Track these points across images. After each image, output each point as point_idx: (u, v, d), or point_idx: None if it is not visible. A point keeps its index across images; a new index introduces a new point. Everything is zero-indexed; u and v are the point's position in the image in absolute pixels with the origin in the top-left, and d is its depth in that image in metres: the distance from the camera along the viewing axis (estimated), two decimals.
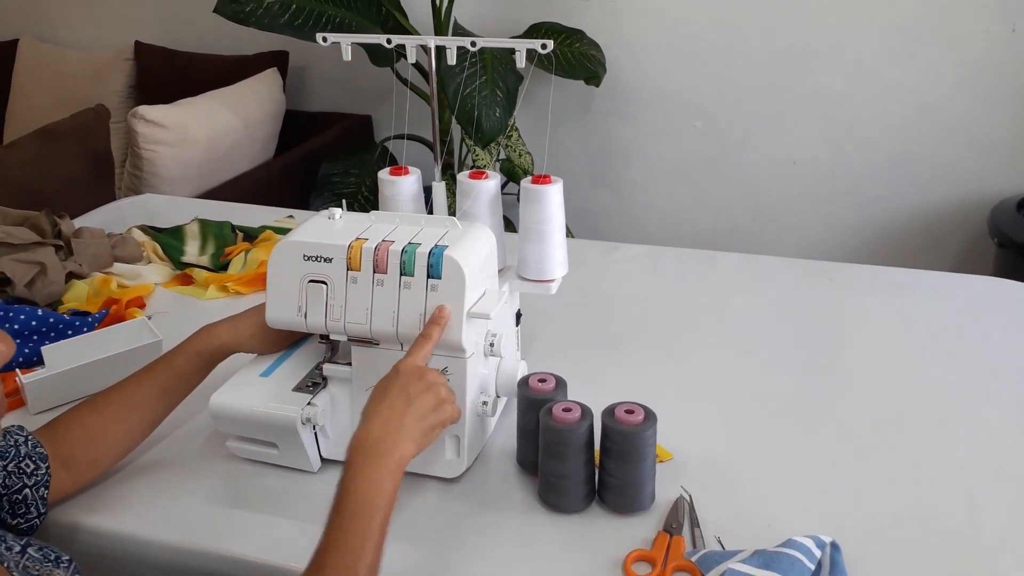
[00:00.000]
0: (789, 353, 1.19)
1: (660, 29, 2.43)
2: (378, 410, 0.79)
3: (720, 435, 1.02)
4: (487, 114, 2.08)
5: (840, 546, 0.82)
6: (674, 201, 2.62)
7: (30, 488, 0.85)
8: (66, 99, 2.70)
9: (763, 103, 2.42)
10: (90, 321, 1.25)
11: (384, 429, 0.77)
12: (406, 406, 0.79)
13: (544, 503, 0.91)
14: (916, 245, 2.44)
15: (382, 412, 0.79)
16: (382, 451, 0.76)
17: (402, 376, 0.81)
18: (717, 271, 1.43)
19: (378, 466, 0.76)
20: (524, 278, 1.04)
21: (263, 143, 2.58)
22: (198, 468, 0.99)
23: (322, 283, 0.91)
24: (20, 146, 1.98)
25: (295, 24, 2.14)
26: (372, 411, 0.79)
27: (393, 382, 0.81)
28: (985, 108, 2.25)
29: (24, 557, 0.74)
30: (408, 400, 0.79)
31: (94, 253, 1.43)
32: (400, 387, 0.80)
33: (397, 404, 0.79)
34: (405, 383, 0.80)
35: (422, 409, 0.80)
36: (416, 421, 0.79)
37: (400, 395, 0.79)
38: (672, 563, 0.82)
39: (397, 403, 0.79)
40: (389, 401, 0.79)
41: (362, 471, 0.75)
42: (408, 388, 0.80)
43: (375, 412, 0.79)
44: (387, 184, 1.05)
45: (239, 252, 1.49)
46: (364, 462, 0.76)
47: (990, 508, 0.89)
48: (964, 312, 1.27)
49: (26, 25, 3.13)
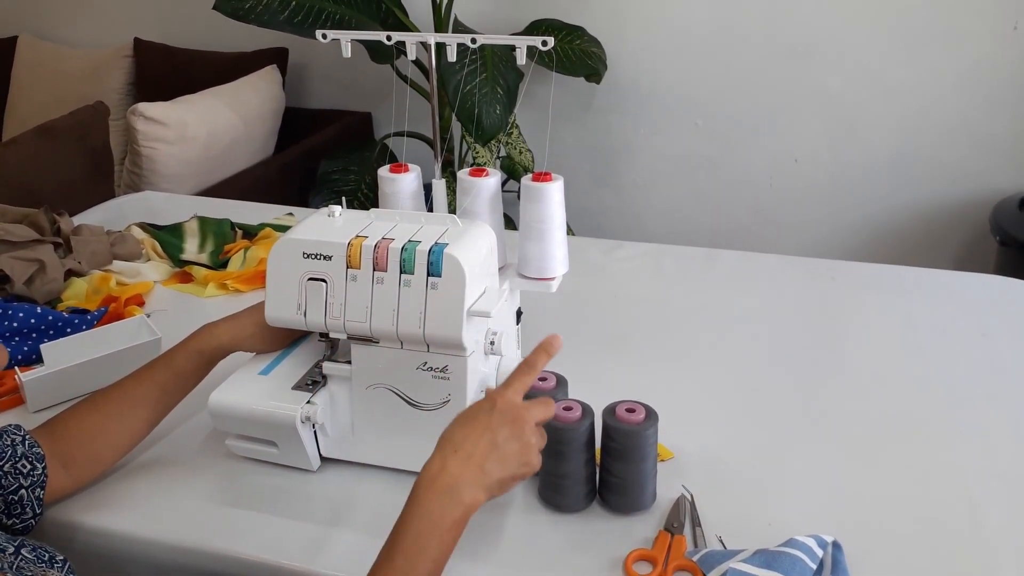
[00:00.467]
0: (790, 352, 1.19)
1: (661, 26, 2.42)
2: (461, 445, 0.71)
3: (721, 434, 1.01)
4: (487, 111, 2.08)
5: (842, 545, 0.81)
6: (675, 199, 2.62)
7: (26, 488, 0.85)
8: (65, 96, 2.70)
9: (764, 101, 2.42)
10: (89, 319, 1.25)
11: (462, 470, 0.70)
12: (491, 449, 0.71)
13: (545, 502, 0.91)
14: (918, 243, 2.43)
15: (465, 448, 0.71)
16: (452, 496, 0.69)
17: (497, 413, 0.73)
18: (718, 269, 1.43)
19: (444, 512, 0.69)
20: (525, 276, 1.04)
21: (262, 140, 2.57)
22: (197, 466, 0.99)
23: (322, 281, 0.91)
24: (19, 143, 1.97)
25: (295, 21, 2.14)
26: (454, 443, 0.71)
27: (485, 416, 0.73)
28: (987, 106, 2.25)
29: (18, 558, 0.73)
30: (495, 443, 0.71)
31: (93, 251, 1.43)
32: (490, 425, 0.72)
33: (482, 444, 0.71)
34: (497, 423, 0.72)
35: (507, 456, 0.71)
36: (498, 468, 0.71)
37: (486, 434, 0.71)
38: (673, 563, 0.82)
39: (482, 443, 0.71)
40: (474, 438, 0.71)
41: (425, 516, 0.69)
42: (499, 430, 0.72)
43: (457, 445, 0.71)
44: (387, 182, 1.05)
45: (238, 250, 1.49)
46: (429, 506, 0.69)
47: (991, 507, 0.89)
48: (966, 310, 1.27)
49: (25, 22, 3.12)
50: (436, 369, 0.90)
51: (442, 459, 0.71)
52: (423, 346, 0.90)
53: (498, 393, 0.75)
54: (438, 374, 0.90)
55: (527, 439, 0.73)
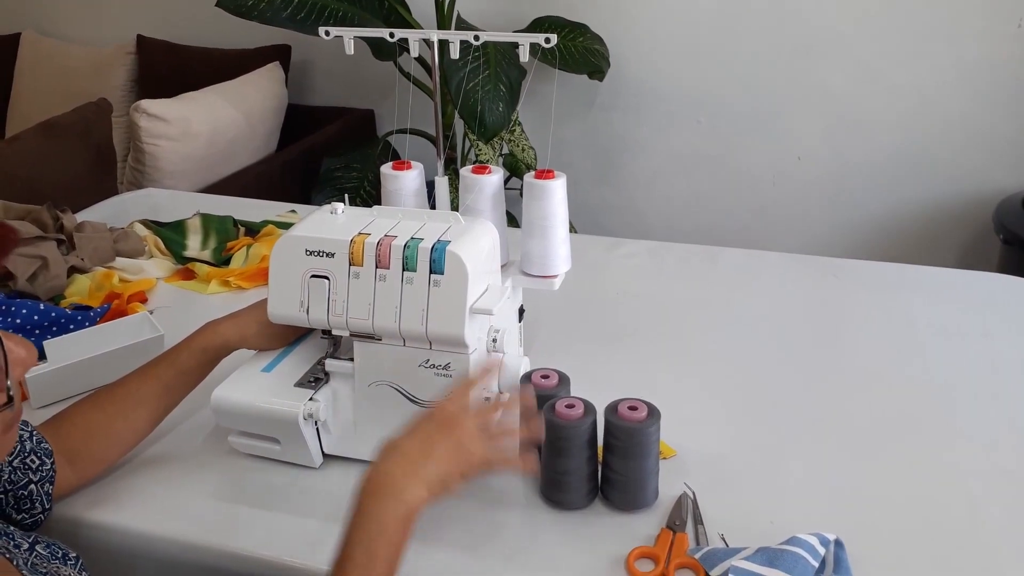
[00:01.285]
0: (792, 350, 1.18)
1: (664, 24, 2.42)
2: (397, 449, 0.75)
3: (724, 432, 1.01)
4: (490, 108, 2.08)
5: (844, 543, 0.81)
6: (678, 197, 2.62)
7: (35, 484, 0.85)
8: (68, 93, 2.70)
9: (767, 99, 2.41)
10: (92, 315, 1.25)
11: (401, 470, 0.73)
12: (426, 449, 0.75)
13: (547, 499, 0.91)
14: (920, 241, 2.43)
15: (400, 450, 0.75)
16: (393, 495, 0.72)
17: (432, 421, 0.77)
18: (720, 267, 1.43)
19: (387, 511, 0.71)
20: (527, 274, 1.04)
21: (265, 137, 2.57)
22: (200, 463, 0.99)
23: (324, 278, 0.91)
24: (22, 140, 1.98)
25: (297, 18, 2.14)
26: (390, 449, 0.75)
27: (423, 423, 0.77)
28: (990, 104, 2.24)
29: (32, 555, 0.74)
30: (430, 444, 0.75)
31: (96, 247, 1.43)
32: (426, 430, 0.76)
33: (416, 446, 0.75)
34: (432, 427, 0.77)
35: (442, 455, 0.75)
36: (434, 466, 0.74)
37: (421, 436, 0.76)
38: (675, 560, 0.82)
39: (416, 445, 0.75)
40: (410, 442, 0.76)
41: (369, 513, 0.71)
42: (433, 433, 0.76)
43: (392, 450, 0.75)
44: (389, 179, 1.05)
45: (241, 247, 1.49)
46: (373, 506, 0.72)
47: (993, 505, 0.89)
48: (968, 309, 1.27)
49: (28, 19, 3.12)
50: (438, 366, 0.90)
51: (381, 464, 0.74)
52: (425, 343, 0.90)
53: (436, 404, 0.80)
54: (440, 371, 0.90)
55: (461, 440, 0.77)
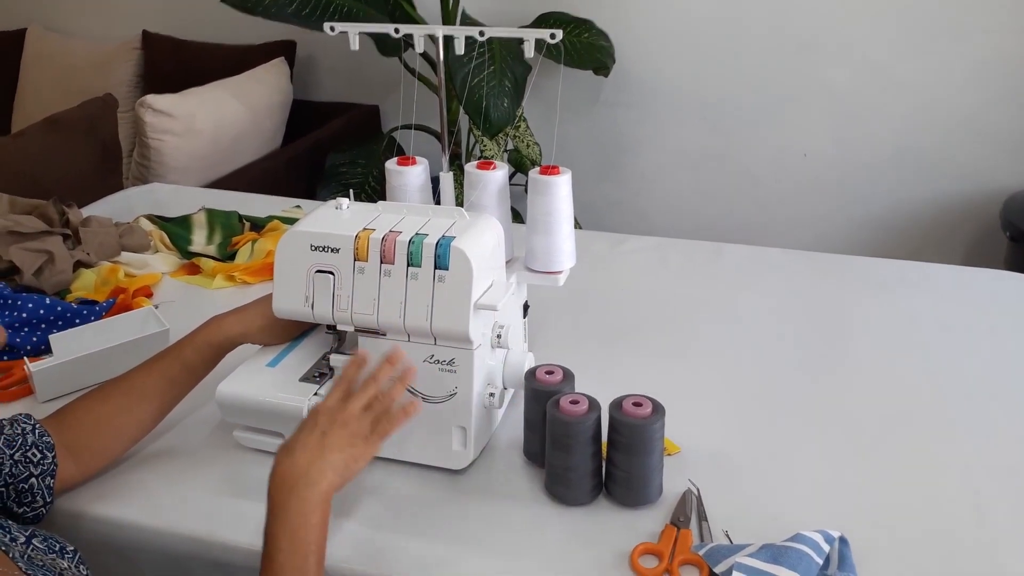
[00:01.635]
0: (797, 346, 1.18)
1: (669, 20, 2.41)
2: (292, 447, 0.78)
3: (728, 428, 1.01)
4: (495, 104, 2.08)
5: (848, 540, 0.81)
6: (682, 193, 2.61)
7: (36, 477, 0.85)
8: (74, 89, 2.70)
9: (772, 95, 2.41)
10: (97, 310, 1.26)
11: (307, 459, 0.77)
12: (320, 439, 0.78)
13: (551, 495, 0.91)
14: (926, 239, 2.42)
15: (298, 446, 0.78)
16: (308, 482, 0.75)
17: (318, 416, 0.81)
18: (725, 264, 1.43)
19: (306, 498, 0.75)
20: (532, 269, 1.04)
21: (270, 133, 2.57)
22: (205, 457, 0.99)
23: (329, 273, 0.91)
24: (28, 135, 1.98)
25: (302, 14, 2.14)
26: (288, 448, 0.78)
27: (309, 421, 0.81)
28: (996, 101, 2.23)
29: (29, 547, 0.74)
30: (323, 434, 0.79)
31: (102, 242, 1.43)
32: (313, 425, 0.80)
33: (312, 439, 0.78)
34: (320, 421, 0.80)
35: (336, 442, 0.79)
36: (334, 451, 0.78)
37: (313, 431, 0.79)
38: (679, 556, 0.82)
39: (311, 439, 0.79)
40: (303, 438, 0.79)
41: (290, 507, 0.74)
42: (322, 425, 0.80)
43: (291, 449, 0.78)
44: (394, 174, 1.05)
45: (246, 242, 1.49)
46: (291, 497, 0.75)
47: (996, 502, 0.89)
48: (974, 306, 1.26)
49: (34, 15, 3.13)
50: (443, 362, 0.90)
51: (284, 462, 0.77)
52: (430, 339, 0.90)
53: (317, 404, 0.83)
54: (445, 367, 0.90)
55: (348, 424, 0.80)
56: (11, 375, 1.14)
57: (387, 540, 0.86)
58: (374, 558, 0.84)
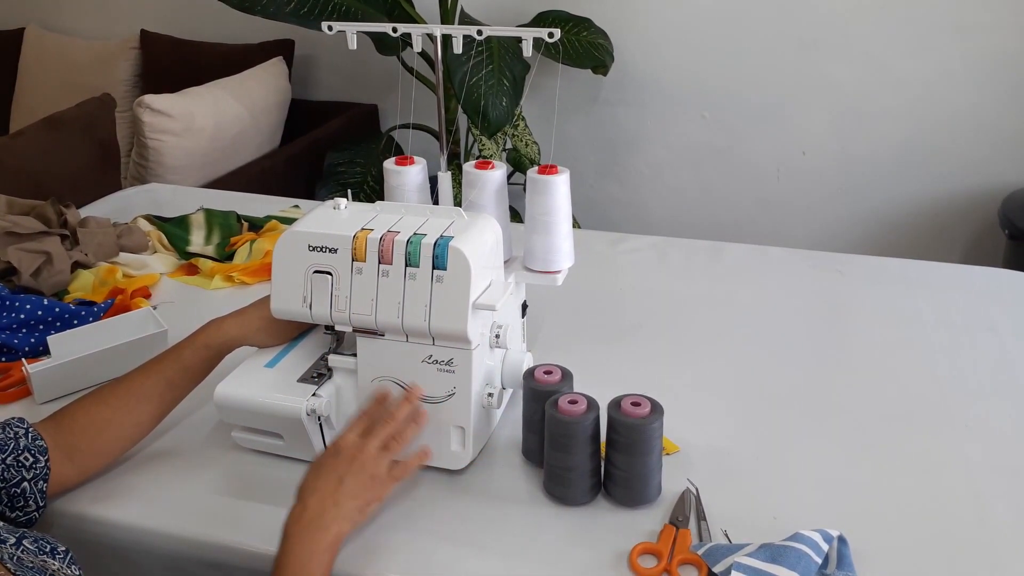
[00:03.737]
0: (797, 345, 1.18)
1: (668, 18, 2.41)
2: (313, 488, 0.81)
3: (727, 428, 1.01)
4: (493, 103, 2.07)
5: (847, 540, 0.81)
6: (681, 191, 2.61)
7: (28, 481, 0.85)
8: (72, 88, 2.70)
9: (772, 93, 2.40)
10: (96, 311, 1.25)
11: (321, 506, 0.80)
12: (338, 484, 0.81)
13: (549, 495, 0.91)
14: (926, 236, 2.42)
15: (317, 490, 0.81)
16: (319, 527, 0.79)
17: (339, 456, 0.83)
18: (724, 262, 1.42)
19: (315, 541, 0.78)
20: (530, 269, 1.03)
21: (269, 132, 2.57)
22: (203, 458, 0.99)
23: (327, 274, 0.91)
24: (26, 135, 1.98)
25: (300, 13, 2.13)
26: (307, 489, 0.82)
27: (329, 459, 0.83)
28: (996, 98, 2.23)
29: (19, 549, 0.74)
30: (341, 480, 0.82)
31: (100, 242, 1.43)
32: (334, 467, 0.82)
33: (330, 483, 0.81)
34: (340, 463, 0.83)
35: (354, 488, 0.82)
36: (349, 499, 0.81)
37: (332, 474, 0.82)
38: (678, 556, 0.82)
39: (330, 482, 0.81)
40: (322, 481, 0.82)
41: (300, 546, 0.78)
42: (342, 468, 0.82)
43: (310, 490, 0.81)
44: (393, 174, 1.05)
45: (244, 242, 1.49)
46: (301, 539, 0.78)
47: (997, 501, 0.89)
48: (973, 304, 1.26)
49: (32, 14, 3.12)
50: (441, 362, 0.90)
51: (301, 503, 0.81)
52: (428, 339, 0.90)
53: (339, 438, 0.85)
54: (443, 367, 0.90)
55: (365, 466, 0.83)
56: (9, 376, 1.13)
57: (386, 540, 0.86)
58: (373, 558, 0.84)
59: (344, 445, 0.84)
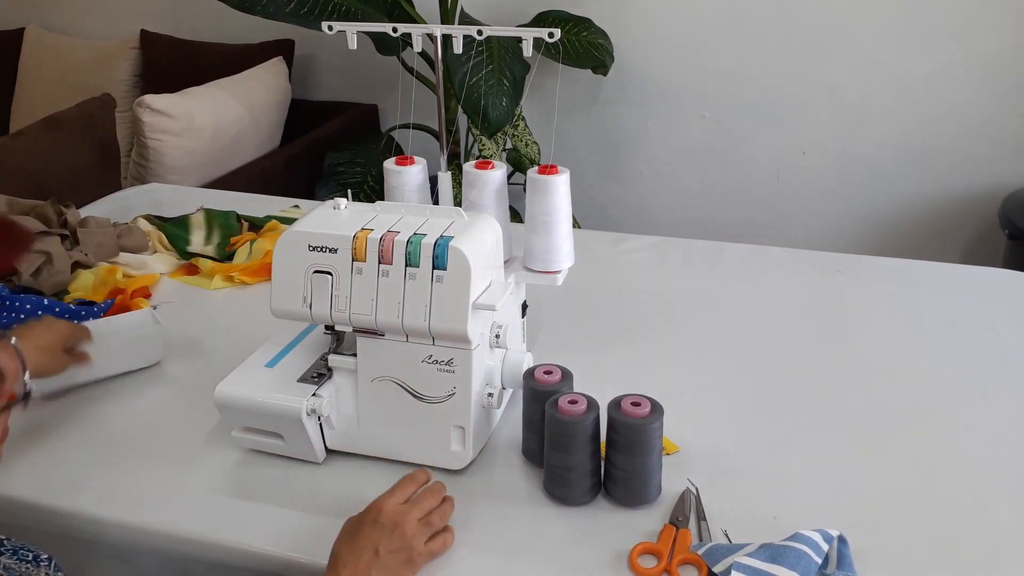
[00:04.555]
0: (797, 345, 1.18)
1: (668, 18, 2.41)
2: (347, 560, 0.77)
3: (727, 428, 1.01)
4: (493, 103, 2.07)
5: (847, 540, 0.81)
6: (682, 192, 2.61)
7: None
8: (72, 88, 2.70)
9: (772, 93, 2.40)
10: (96, 311, 1.25)
11: None
12: (373, 559, 0.77)
13: (549, 495, 0.91)
14: (926, 237, 2.42)
15: (351, 563, 0.76)
16: None
17: (378, 525, 0.79)
18: (725, 262, 1.42)
19: None
20: (530, 269, 1.04)
21: (269, 132, 2.57)
22: (203, 458, 0.99)
23: (327, 274, 0.91)
24: (26, 135, 1.98)
25: (300, 13, 2.13)
26: (340, 560, 0.77)
27: (368, 528, 0.79)
28: (996, 99, 2.23)
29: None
30: (376, 553, 0.77)
31: (100, 242, 1.43)
32: (372, 537, 0.78)
33: (365, 556, 0.77)
34: (379, 534, 0.78)
35: (390, 563, 0.78)
36: (383, 571, 0.77)
37: (369, 546, 0.78)
38: (678, 556, 0.82)
39: (365, 555, 0.77)
40: (358, 552, 0.77)
41: None
42: (381, 540, 0.78)
43: (343, 562, 0.77)
44: (393, 174, 1.05)
45: (244, 242, 1.49)
46: None
47: (997, 501, 0.89)
48: (974, 304, 1.26)
49: (32, 14, 3.12)
50: (441, 362, 0.90)
51: (334, 574, 0.76)
52: (428, 339, 0.90)
53: (381, 502, 0.82)
54: (443, 367, 0.90)
55: (408, 541, 0.79)
56: None
57: None
58: None
59: (386, 511, 0.80)
